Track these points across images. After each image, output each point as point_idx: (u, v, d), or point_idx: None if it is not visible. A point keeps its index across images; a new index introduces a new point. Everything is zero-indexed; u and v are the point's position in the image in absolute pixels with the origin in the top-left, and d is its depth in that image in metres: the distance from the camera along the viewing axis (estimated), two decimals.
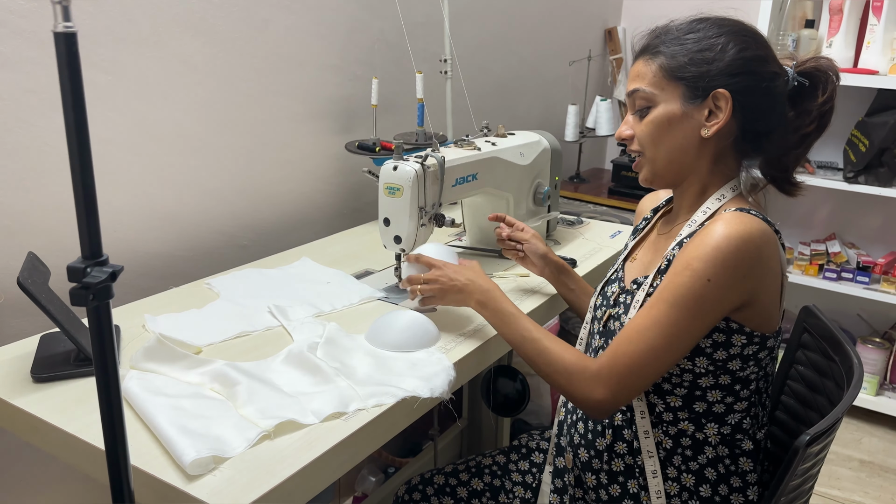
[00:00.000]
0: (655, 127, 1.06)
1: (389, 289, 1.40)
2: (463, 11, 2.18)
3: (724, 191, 1.08)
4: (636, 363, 0.97)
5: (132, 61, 1.36)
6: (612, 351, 0.99)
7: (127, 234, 1.42)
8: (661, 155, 1.08)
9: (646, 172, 1.11)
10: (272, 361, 1.09)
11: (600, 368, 0.99)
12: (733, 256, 0.94)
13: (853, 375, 1.05)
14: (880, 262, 2.58)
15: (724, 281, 0.94)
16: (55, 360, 1.08)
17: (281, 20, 1.62)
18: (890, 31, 2.36)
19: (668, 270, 0.99)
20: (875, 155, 2.43)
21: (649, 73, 1.07)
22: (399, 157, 1.31)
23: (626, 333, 0.99)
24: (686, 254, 0.97)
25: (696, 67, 1.03)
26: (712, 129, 1.03)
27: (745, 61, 1.02)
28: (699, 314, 0.96)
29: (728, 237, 0.94)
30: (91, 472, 0.93)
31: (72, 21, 0.60)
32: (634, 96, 1.09)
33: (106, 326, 0.66)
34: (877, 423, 2.65)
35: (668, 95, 1.05)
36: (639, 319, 0.99)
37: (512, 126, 2.21)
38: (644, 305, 1.01)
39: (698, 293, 0.95)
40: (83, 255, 0.64)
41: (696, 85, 1.03)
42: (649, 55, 1.08)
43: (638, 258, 1.19)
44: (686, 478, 1.05)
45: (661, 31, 1.09)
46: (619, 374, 0.98)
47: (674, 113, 1.05)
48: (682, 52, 1.04)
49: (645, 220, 1.26)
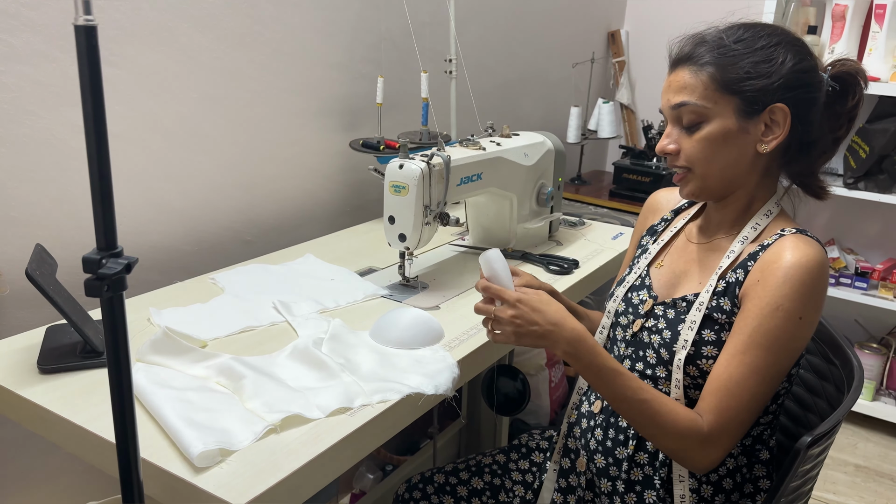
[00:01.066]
0: (709, 143, 1.01)
1: (393, 286, 1.41)
2: (468, 12, 2.19)
3: (769, 206, 1.06)
4: (743, 416, 0.95)
5: (140, 56, 1.36)
6: (716, 407, 0.95)
7: (132, 228, 1.42)
8: (715, 171, 1.03)
9: (692, 188, 1.06)
10: (277, 356, 1.10)
11: (711, 430, 0.95)
12: (818, 289, 0.95)
13: (854, 379, 1.06)
14: (878, 269, 2.60)
15: (814, 315, 0.96)
16: (61, 351, 1.08)
17: (288, 17, 1.63)
18: (892, 38, 2.37)
19: (749, 307, 0.97)
20: (875, 162, 2.45)
21: (699, 86, 1.00)
22: (405, 156, 1.31)
23: (726, 387, 0.95)
24: (768, 291, 0.95)
25: (753, 81, 0.98)
26: (771, 144, 1.00)
27: (802, 73, 0.99)
28: (795, 352, 0.97)
29: (809, 270, 0.94)
30: (97, 462, 0.94)
31: (92, 14, 0.60)
32: (682, 110, 1.02)
33: (119, 318, 0.67)
34: (873, 429, 2.66)
35: (721, 109, 1.00)
36: (734, 369, 0.95)
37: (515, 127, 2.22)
38: (731, 349, 0.97)
39: (793, 334, 0.95)
40: (98, 247, 0.65)
41: (754, 99, 0.98)
42: (695, 65, 1.01)
43: (666, 265, 1.15)
44: (705, 489, 1.05)
45: (706, 38, 1.02)
46: (729, 432, 0.95)
47: (729, 128, 1.00)
48: (736, 64, 0.99)
49: (664, 221, 1.23)
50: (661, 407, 0.96)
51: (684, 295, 1.07)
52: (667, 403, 0.97)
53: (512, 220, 1.62)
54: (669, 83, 1.04)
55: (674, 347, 1.03)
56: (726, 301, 1.01)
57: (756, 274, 0.99)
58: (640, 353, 1.09)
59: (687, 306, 1.05)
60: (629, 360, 1.11)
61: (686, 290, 1.09)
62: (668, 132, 1.06)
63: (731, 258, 1.04)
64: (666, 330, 1.06)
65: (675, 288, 1.11)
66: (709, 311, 1.02)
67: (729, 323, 1.01)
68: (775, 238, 1.01)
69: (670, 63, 1.05)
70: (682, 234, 1.18)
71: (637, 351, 1.10)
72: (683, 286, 1.10)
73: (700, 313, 1.02)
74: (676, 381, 1.02)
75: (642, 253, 1.21)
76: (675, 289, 1.11)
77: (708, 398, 0.97)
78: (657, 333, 1.07)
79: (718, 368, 0.97)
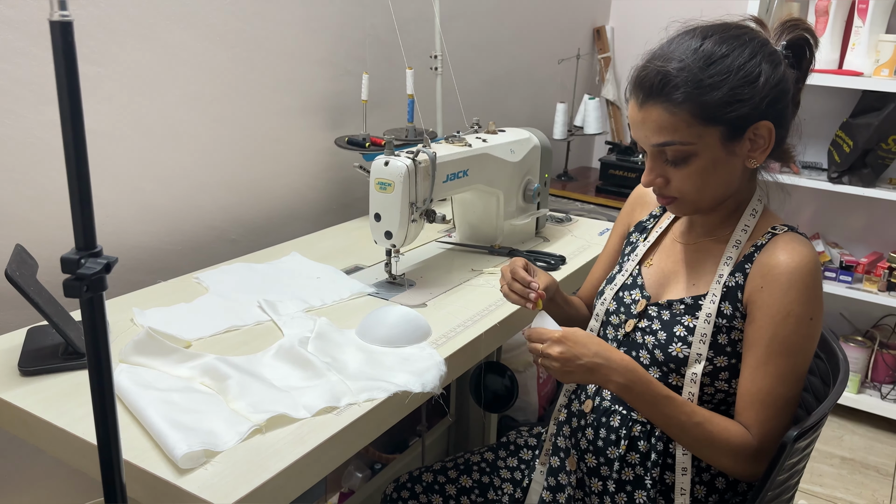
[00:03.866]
0: (700, 175, 0.99)
1: (380, 284, 1.40)
2: (453, 8, 2.18)
3: (754, 205, 1.06)
4: (785, 422, 0.97)
5: (122, 53, 1.35)
6: (756, 420, 0.97)
7: (116, 228, 1.41)
8: (707, 196, 1.02)
9: (684, 210, 1.05)
10: (263, 356, 1.09)
11: (761, 443, 0.96)
12: (819, 287, 0.97)
13: (839, 372, 1.07)
14: (863, 262, 2.62)
15: (821, 312, 0.98)
16: (43, 353, 1.07)
17: (272, 14, 1.61)
18: (875, 33, 2.38)
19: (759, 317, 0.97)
20: (859, 156, 2.46)
21: (680, 124, 0.95)
22: (390, 153, 1.31)
23: (760, 399, 0.96)
24: (776, 298, 0.96)
25: (735, 107, 0.95)
26: (760, 159, 1.00)
27: (778, 83, 0.96)
28: (811, 350, 0.99)
29: (810, 271, 0.96)
30: (80, 465, 0.93)
31: (68, 10, 0.59)
32: (667, 150, 0.98)
33: (99, 318, 0.66)
34: (858, 421, 2.68)
35: (706, 140, 0.96)
36: (761, 381, 0.96)
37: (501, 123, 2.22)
38: (753, 362, 0.97)
39: (808, 335, 0.96)
40: (77, 247, 0.64)
41: (736, 124, 0.96)
42: (668, 101, 0.95)
43: (655, 264, 1.14)
44: (699, 489, 1.05)
45: (673, 69, 0.95)
46: (775, 440, 0.96)
47: (717, 157, 0.98)
48: (714, 93, 0.94)
49: (653, 217, 1.22)
50: (715, 427, 0.96)
51: (681, 297, 1.06)
52: (719, 423, 0.97)
53: (499, 216, 1.62)
54: (643, 120, 0.98)
55: (669, 348, 1.03)
56: (727, 305, 1.01)
57: (757, 279, 0.99)
58: (633, 354, 1.08)
59: (685, 309, 1.04)
60: None
61: (679, 291, 1.08)
62: (651, 167, 1.02)
63: (729, 264, 1.03)
64: (661, 331, 1.05)
65: (665, 288, 1.11)
66: (723, 322, 1.01)
67: (728, 327, 1.01)
68: (768, 238, 1.01)
69: (637, 97, 0.99)
70: (670, 233, 1.17)
71: (630, 351, 1.09)
72: (674, 287, 1.09)
73: (710, 326, 1.01)
74: (690, 395, 1.02)
75: (632, 250, 1.20)
76: (665, 289, 1.11)
77: (745, 413, 0.98)
78: (651, 334, 1.06)
79: (746, 383, 0.98)
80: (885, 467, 2.42)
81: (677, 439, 0.99)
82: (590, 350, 0.98)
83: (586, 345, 0.98)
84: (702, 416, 0.97)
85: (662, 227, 1.18)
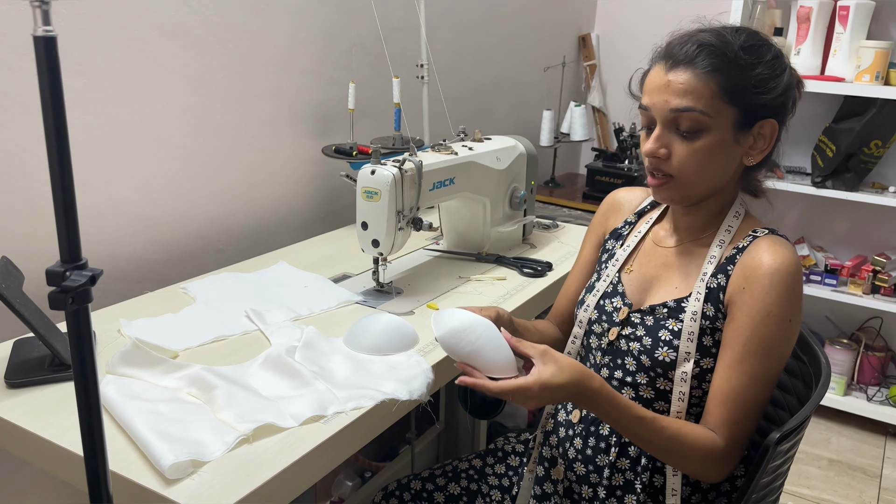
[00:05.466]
0: (705, 153, 0.98)
1: (367, 292, 1.41)
2: (439, 17, 2.20)
3: (736, 207, 1.07)
4: (752, 424, 0.98)
5: (107, 64, 1.35)
6: (726, 420, 0.97)
7: (102, 238, 1.41)
8: (704, 181, 1.01)
9: (674, 195, 1.03)
10: (250, 365, 1.09)
11: (727, 444, 0.97)
12: (799, 289, 0.98)
13: (821, 375, 1.08)
14: (847, 265, 2.64)
15: (799, 315, 0.99)
16: (29, 365, 1.06)
17: (258, 24, 1.62)
18: (855, 39, 2.42)
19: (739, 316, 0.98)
20: (842, 160, 2.49)
21: (706, 92, 0.95)
22: (377, 162, 1.31)
23: (731, 398, 0.97)
24: (757, 299, 0.96)
25: (759, 94, 0.96)
26: (757, 158, 1.01)
27: (792, 89, 0.99)
28: (787, 354, 1.00)
29: (791, 273, 0.96)
30: (67, 477, 0.92)
31: (51, 25, 0.60)
32: (683, 115, 0.96)
33: (85, 330, 0.66)
34: (845, 423, 2.70)
35: (721, 120, 0.97)
36: (735, 380, 0.97)
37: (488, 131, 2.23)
38: (728, 360, 0.98)
39: (786, 337, 0.97)
40: (62, 259, 0.64)
41: (752, 112, 0.97)
42: (700, 69, 0.95)
43: (636, 270, 1.14)
44: (684, 489, 1.06)
45: (712, 40, 0.97)
46: (742, 441, 0.98)
47: (725, 140, 0.98)
48: (745, 74, 0.96)
49: (628, 224, 1.22)
50: (684, 438, 0.97)
51: (664, 301, 1.06)
52: (688, 433, 0.97)
53: (485, 223, 1.63)
54: (668, 83, 0.97)
55: (655, 353, 1.04)
56: (709, 307, 1.02)
57: (739, 280, 1.00)
58: (619, 361, 1.09)
59: (668, 313, 1.05)
60: (607, 369, 1.11)
61: (662, 295, 1.08)
62: (658, 134, 0.99)
63: (713, 263, 1.04)
64: (646, 337, 1.05)
65: (648, 293, 1.11)
66: (706, 324, 1.02)
67: (712, 328, 1.02)
68: (749, 240, 1.02)
69: (667, 63, 0.98)
70: (649, 237, 1.17)
71: (615, 359, 1.09)
72: (657, 292, 1.10)
73: (696, 324, 1.01)
74: (680, 395, 1.02)
75: (609, 258, 1.20)
76: (648, 294, 1.11)
77: (715, 412, 0.98)
78: (636, 341, 1.06)
79: (719, 381, 0.99)
80: (872, 468, 2.44)
81: (650, 452, 1.00)
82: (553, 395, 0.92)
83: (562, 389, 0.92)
84: (671, 430, 0.97)
85: (641, 232, 1.18)
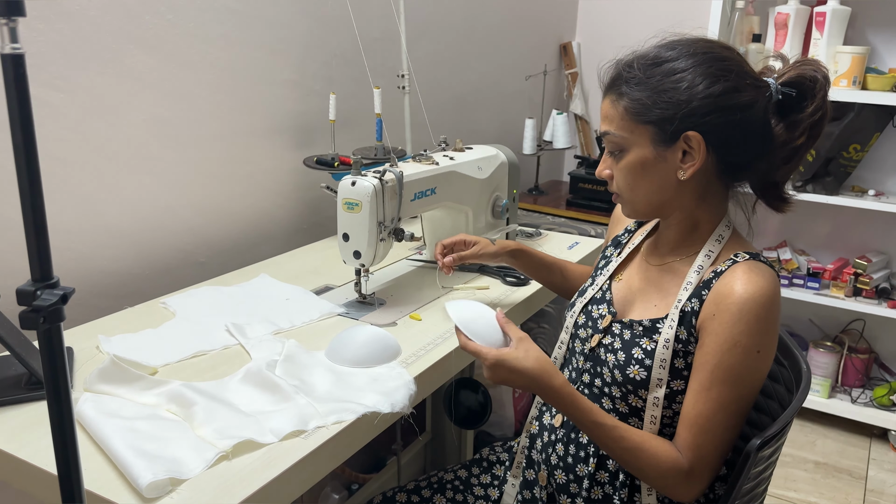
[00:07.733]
0: (629, 171, 1.03)
1: (349, 304, 1.40)
2: (419, 27, 2.20)
3: (721, 230, 1.06)
4: (720, 449, 0.98)
5: (84, 79, 1.34)
6: (692, 444, 0.98)
7: (81, 253, 1.39)
8: (640, 197, 1.06)
9: (627, 210, 1.10)
10: (230, 381, 1.08)
11: (692, 466, 0.97)
12: (772, 320, 0.97)
13: (801, 380, 1.08)
14: (829, 269, 2.67)
15: (771, 346, 0.98)
16: (5, 384, 1.05)
17: (236, 35, 1.62)
18: (832, 44, 2.44)
19: (707, 343, 0.98)
20: (822, 164, 2.52)
21: (616, 116, 1.02)
22: (357, 173, 1.31)
23: (698, 423, 0.97)
24: (725, 328, 0.96)
25: (661, 111, 0.98)
26: (688, 171, 1.00)
27: (715, 98, 0.97)
28: (757, 382, 0.99)
29: (762, 304, 0.95)
30: (44, 498, 0.91)
31: (19, 42, 0.59)
32: (606, 139, 1.05)
33: (57, 350, 0.65)
34: (830, 426, 2.72)
35: (637, 139, 1.01)
36: (702, 405, 0.97)
37: (470, 140, 2.23)
38: (696, 386, 0.98)
39: (753, 367, 0.97)
40: (33, 278, 0.64)
41: (665, 129, 0.99)
42: (615, 95, 1.03)
43: (624, 279, 1.15)
44: (667, 501, 1.06)
45: (625, 65, 1.03)
46: (710, 464, 0.98)
47: (646, 157, 1.01)
48: (645, 95, 0.99)
49: (628, 232, 1.24)
50: (646, 451, 0.98)
51: (640, 319, 1.06)
52: (650, 447, 0.98)
53: (468, 233, 1.62)
54: (601, 109, 1.07)
55: (627, 370, 1.04)
56: (682, 330, 1.02)
57: (710, 307, 0.99)
58: (598, 370, 1.09)
59: (643, 332, 1.05)
60: (588, 375, 1.11)
61: (640, 312, 1.09)
62: (603, 157, 1.09)
63: (688, 290, 1.03)
64: (620, 351, 1.06)
65: (631, 306, 1.11)
66: (679, 347, 1.02)
67: (684, 352, 1.02)
68: (728, 265, 1.01)
69: (602, 88, 1.07)
70: (642, 249, 1.18)
71: (595, 366, 1.10)
72: (637, 307, 1.10)
73: (668, 351, 1.01)
74: (652, 418, 1.03)
75: (605, 264, 1.21)
76: (631, 307, 1.11)
77: (683, 434, 0.99)
78: (612, 353, 1.07)
79: (687, 405, 0.99)
80: (858, 470, 2.46)
81: (613, 458, 1.02)
82: (522, 378, 1.00)
83: (519, 372, 1.00)
84: (631, 441, 0.98)
85: (635, 243, 1.19)
